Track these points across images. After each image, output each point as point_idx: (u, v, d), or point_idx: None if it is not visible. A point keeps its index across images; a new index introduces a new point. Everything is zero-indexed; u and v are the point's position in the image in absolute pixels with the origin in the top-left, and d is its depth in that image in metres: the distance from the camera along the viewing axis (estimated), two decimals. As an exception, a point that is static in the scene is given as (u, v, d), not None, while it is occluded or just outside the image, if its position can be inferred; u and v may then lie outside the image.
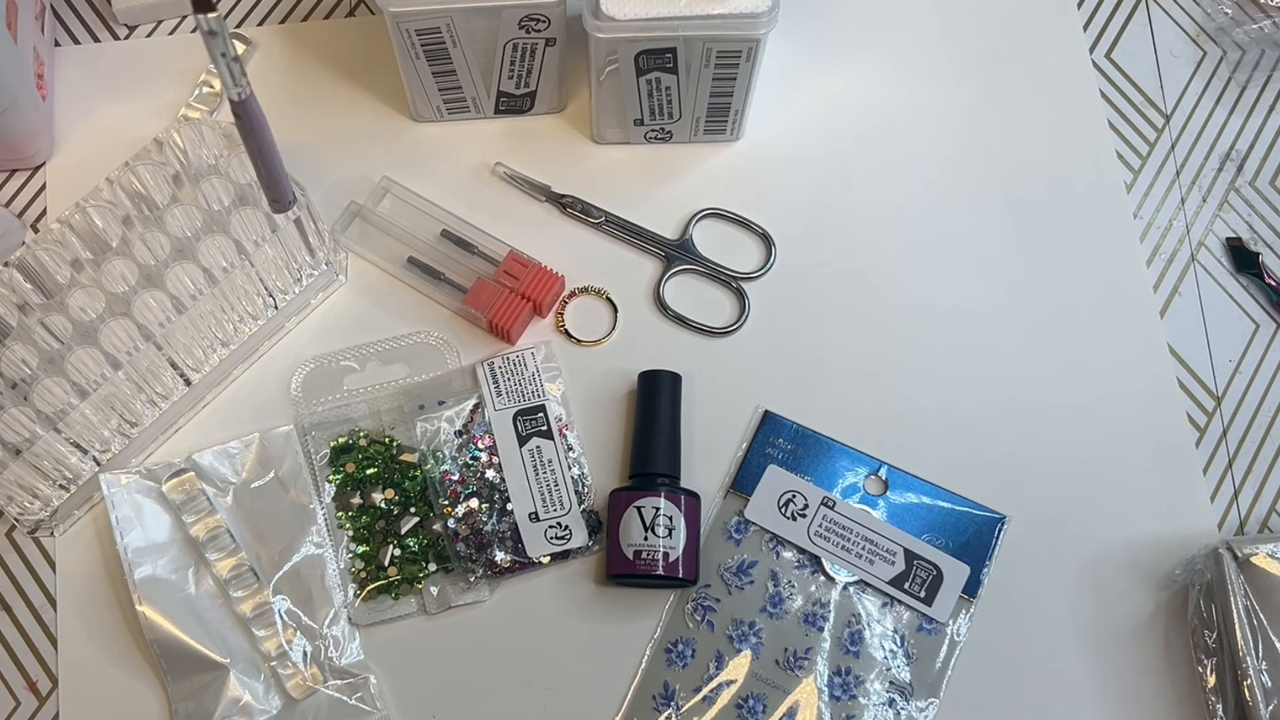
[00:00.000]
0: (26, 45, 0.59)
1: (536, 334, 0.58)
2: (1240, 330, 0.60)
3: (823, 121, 0.63)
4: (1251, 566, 0.51)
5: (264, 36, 0.64)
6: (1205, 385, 0.58)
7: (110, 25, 0.65)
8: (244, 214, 0.53)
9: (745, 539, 0.54)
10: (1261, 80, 0.65)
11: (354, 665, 0.52)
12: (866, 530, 0.54)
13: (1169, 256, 0.61)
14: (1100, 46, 0.66)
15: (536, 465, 0.54)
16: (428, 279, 0.58)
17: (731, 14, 0.51)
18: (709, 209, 0.60)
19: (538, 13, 0.53)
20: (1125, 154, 0.63)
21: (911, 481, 0.55)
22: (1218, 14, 0.66)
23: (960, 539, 0.54)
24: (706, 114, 0.59)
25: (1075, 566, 0.54)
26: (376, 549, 0.53)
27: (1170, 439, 0.57)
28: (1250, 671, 0.49)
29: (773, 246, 0.60)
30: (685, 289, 0.59)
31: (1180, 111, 0.64)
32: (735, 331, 0.58)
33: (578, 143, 0.62)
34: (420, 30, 0.54)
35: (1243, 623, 0.50)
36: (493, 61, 0.57)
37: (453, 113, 0.61)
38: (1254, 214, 0.62)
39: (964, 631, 0.53)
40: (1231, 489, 0.57)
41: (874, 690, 0.52)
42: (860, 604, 0.53)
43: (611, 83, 0.56)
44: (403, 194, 0.60)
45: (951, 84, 0.64)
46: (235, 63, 0.48)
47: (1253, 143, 0.64)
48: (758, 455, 0.55)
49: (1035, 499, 0.55)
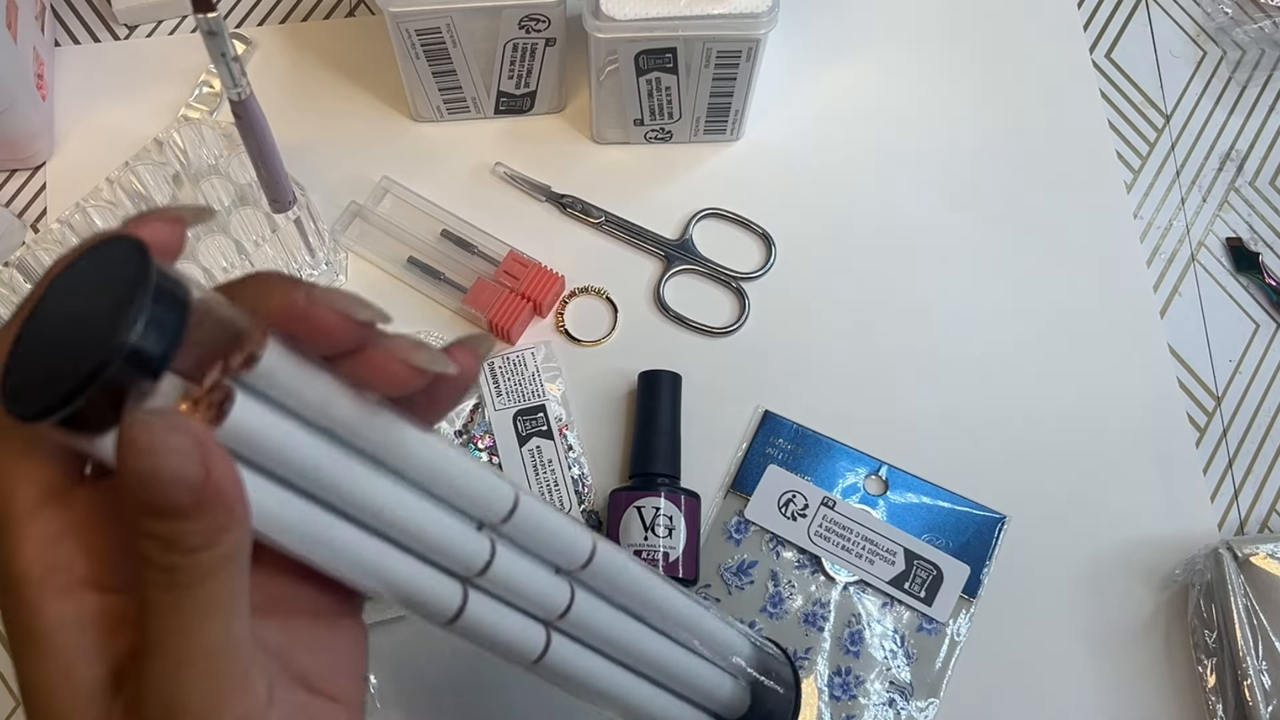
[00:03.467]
0: (26, 45, 0.59)
1: (536, 334, 0.58)
2: (1240, 330, 0.60)
3: (823, 121, 0.63)
4: (1252, 566, 0.51)
5: (264, 36, 0.64)
6: (1205, 385, 0.58)
7: (110, 25, 0.65)
8: (244, 214, 0.53)
9: (745, 539, 0.54)
10: (1262, 80, 0.65)
11: (354, 665, 0.52)
12: (866, 530, 0.54)
13: (1169, 256, 0.61)
14: (1100, 46, 0.66)
15: (536, 465, 0.54)
16: (428, 279, 0.58)
17: (732, 14, 0.51)
18: (709, 209, 0.60)
19: (538, 13, 0.53)
20: (1125, 154, 0.63)
21: (911, 481, 0.55)
22: (1218, 14, 0.66)
23: (960, 539, 0.54)
24: (706, 114, 0.59)
25: (1075, 566, 0.54)
26: (376, 549, 0.53)
27: (1170, 439, 0.57)
28: (1250, 672, 0.49)
29: (773, 246, 0.60)
30: (685, 289, 0.59)
31: (1180, 111, 0.64)
32: (735, 331, 0.58)
33: (578, 143, 0.62)
34: (420, 30, 0.54)
35: (1243, 623, 0.50)
36: (493, 61, 0.57)
37: (453, 113, 0.61)
38: (1254, 214, 0.62)
39: (964, 631, 0.53)
40: (1232, 489, 0.57)
41: (874, 690, 0.52)
42: (860, 604, 0.53)
43: (611, 83, 0.56)
44: (403, 194, 0.60)
45: (952, 84, 0.64)
46: (235, 63, 0.48)
47: (1253, 142, 0.64)
48: (758, 455, 0.55)
49: (1035, 499, 0.55)
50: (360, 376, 0.25)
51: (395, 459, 0.26)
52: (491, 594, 0.29)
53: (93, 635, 0.22)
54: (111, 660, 0.23)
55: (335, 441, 0.25)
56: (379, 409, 0.26)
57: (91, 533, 0.23)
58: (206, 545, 0.21)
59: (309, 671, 0.26)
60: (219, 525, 0.21)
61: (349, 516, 0.25)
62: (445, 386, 0.26)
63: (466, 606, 0.28)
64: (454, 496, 0.28)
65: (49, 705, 0.22)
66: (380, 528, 0.26)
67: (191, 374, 0.22)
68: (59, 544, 0.23)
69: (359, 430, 0.25)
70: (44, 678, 0.22)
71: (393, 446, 0.26)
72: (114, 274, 0.21)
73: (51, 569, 0.22)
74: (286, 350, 0.23)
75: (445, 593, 0.28)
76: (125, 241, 0.21)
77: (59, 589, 0.22)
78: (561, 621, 0.31)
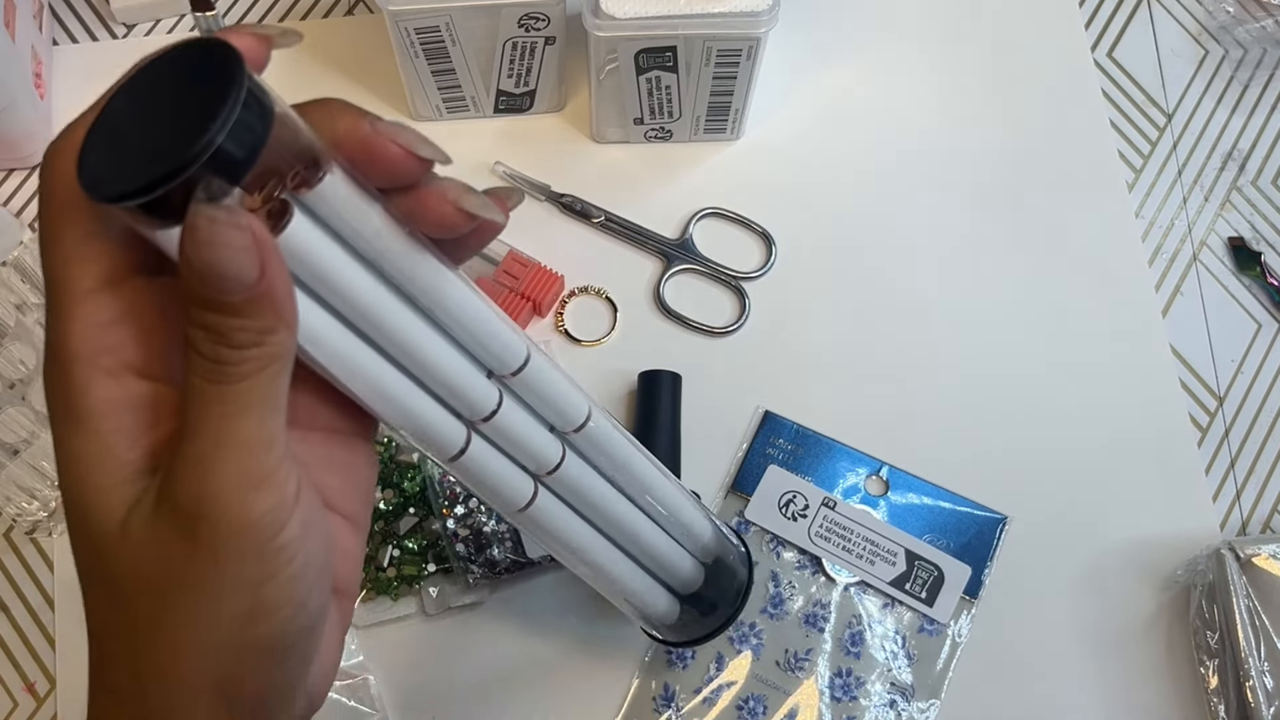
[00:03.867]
0: (24, 44, 0.59)
1: (536, 334, 0.58)
2: (1242, 330, 0.59)
3: (823, 120, 0.63)
4: (1253, 567, 0.50)
5: (263, 35, 0.64)
6: (1207, 385, 0.58)
7: (109, 24, 0.64)
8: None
9: (745, 539, 0.54)
10: (1264, 79, 0.65)
11: (353, 666, 0.52)
12: (867, 531, 0.54)
13: (1171, 256, 0.61)
14: (1102, 45, 0.65)
15: (536, 465, 0.54)
16: (427, 278, 0.58)
17: (732, 13, 0.51)
18: (709, 208, 0.60)
19: (537, 11, 0.53)
20: (1127, 153, 0.63)
21: (912, 482, 0.55)
22: (1219, 13, 0.66)
23: (961, 539, 0.54)
24: (707, 113, 0.59)
25: (1076, 567, 0.54)
26: (375, 550, 0.53)
27: (1172, 439, 0.57)
28: (1252, 672, 0.49)
29: (773, 246, 0.60)
30: (685, 289, 0.59)
31: (1182, 111, 0.64)
32: (735, 331, 0.58)
33: (577, 142, 0.62)
34: (419, 29, 0.54)
35: (1245, 624, 0.49)
36: (492, 60, 0.57)
37: (452, 111, 0.61)
38: (1256, 213, 0.62)
39: (965, 632, 0.52)
40: (1234, 489, 0.56)
41: (875, 691, 0.51)
42: (861, 605, 0.53)
43: (611, 81, 0.56)
44: (402, 193, 0.59)
45: (953, 83, 0.64)
46: (233, 61, 0.48)
47: (1255, 142, 0.63)
48: (758, 455, 0.55)
49: (1036, 499, 0.55)
50: (412, 213, 0.26)
51: (428, 299, 0.28)
52: (492, 441, 0.31)
53: (134, 418, 0.23)
54: (149, 445, 0.23)
55: (376, 273, 0.26)
56: (423, 248, 0.27)
57: (144, 322, 0.24)
58: (254, 343, 0.22)
59: (324, 486, 0.27)
60: (267, 326, 0.22)
61: (377, 347, 0.27)
62: (479, 233, 0.27)
63: (469, 448, 0.30)
64: (473, 344, 0.30)
65: (85, 480, 0.23)
66: (404, 362, 0.28)
67: (256, 184, 0.22)
68: (112, 328, 0.23)
69: (401, 265, 0.26)
70: (83, 454, 0.23)
71: (429, 287, 0.27)
72: (205, 75, 0.21)
73: (101, 350, 0.23)
74: (347, 177, 0.24)
75: (452, 432, 0.30)
76: (219, 45, 0.22)
77: (106, 370, 0.23)
78: (550, 478, 0.34)
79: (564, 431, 0.34)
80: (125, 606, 0.24)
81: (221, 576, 0.23)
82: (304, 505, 0.24)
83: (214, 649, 0.23)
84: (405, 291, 0.27)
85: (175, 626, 0.23)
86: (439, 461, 0.30)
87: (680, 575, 0.42)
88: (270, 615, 0.24)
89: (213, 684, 0.24)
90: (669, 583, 0.42)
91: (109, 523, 0.23)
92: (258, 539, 0.23)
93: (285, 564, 0.23)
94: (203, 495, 0.22)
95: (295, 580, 0.24)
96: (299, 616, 0.24)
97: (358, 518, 0.29)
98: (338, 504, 0.28)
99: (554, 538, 0.36)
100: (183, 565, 0.23)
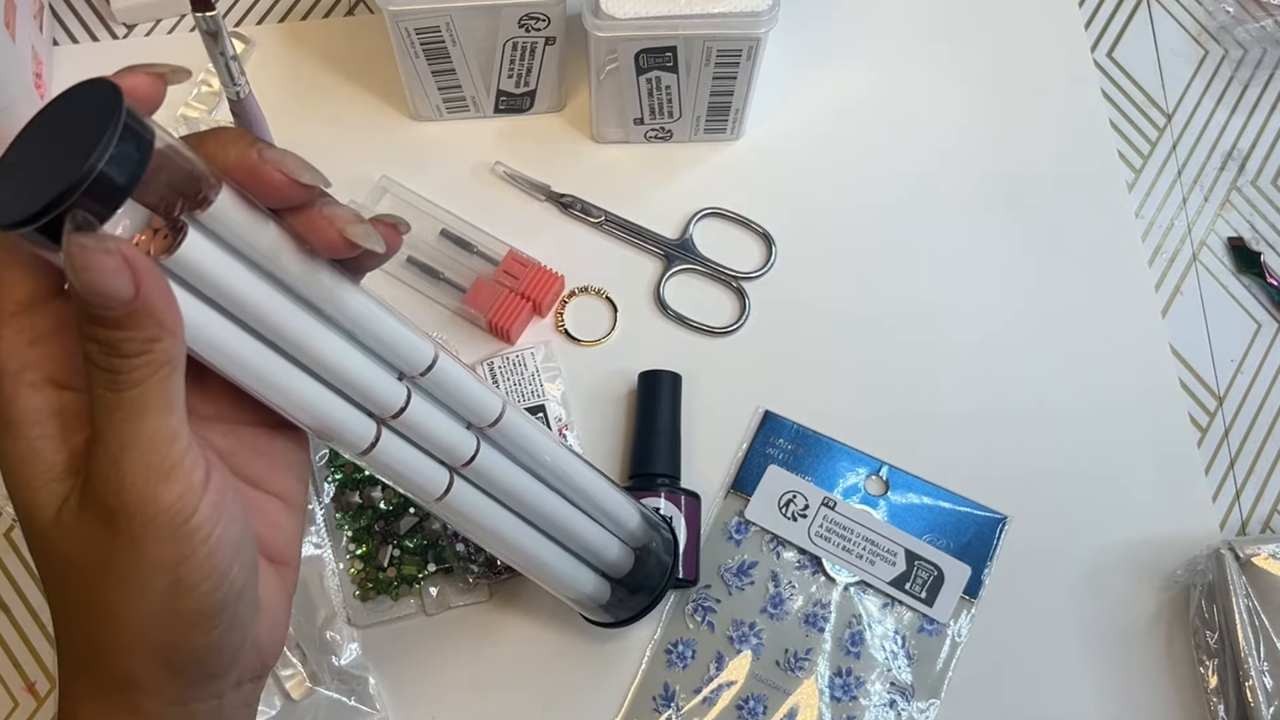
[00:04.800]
0: (24, 44, 0.59)
1: (536, 334, 0.58)
2: (1242, 330, 0.59)
3: (824, 121, 0.63)
4: (1253, 567, 0.50)
5: (263, 35, 0.64)
6: (1207, 385, 0.58)
7: (109, 24, 0.64)
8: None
9: (745, 539, 0.54)
10: (1263, 79, 0.65)
11: (353, 666, 0.52)
12: (867, 531, 0.54)
13: (1170, 256, 0.61)
14: (1102, 45, 0.65)
15: (536, 465, 0.54)
16: (427, 278, 0.58)
17: (732, 13, 0.51)
18: (709, 208, 0.60)
19: (537, 11, 0.53)
20: (1127, 153, 0.63)
21: (912, 482, 0.55)
22: (1219, 13, 0.66)
23: (961, 539, 0.54)
24: (707, 113, 0.59)
25: (1076, 567, 0.54)
26: (375, 549, 0.53)
27: (1172, 439, 0.57)
28: (1252, 672, 0.49)
29: (773, 246, 0.60)
30: (685, 289, 0.59)
31: (1182, 110, 0.64)
32: (735, 331, 0.58)
33: (577, 142, 0.62)
34: (419, 29, 0.54)
35: (1244, 624, 0.49)
36: (492, 60, 0.57)
37: (452, 112, 0.61)
38: (1256, 213, 0.62)
39: (965, 632, 0.52)
40: (1233, 489, 0.56)
41: (875, 691, 0.51)
42: (861, 605, 0.53)
43: (611, 82, 0.56)
44: (402, 193, 0.60)
45: (953, 83, 0.64)
46: (234, 62, 0.48)
47: (1254, 142, 0.63)
48: (758, 455, 0.55)
49: (1036, 499, 0.55)
50: (304, 233, 0.29)
51: (329, 307, 0.30)
52: (403, 436, 0.34)
53: (58, 425, 0.27)
54: (74, 448, 0.27)
55: (278, 286, 0.29)
56: (320, 262, 0.30)
57: (61, 339, 0.27)
58: (141, 350, 0.25)
59: (253, 472, 0.31)
60: (151, 335, 0.25)
61: (282, 352, 0.30)
62: (368, 256, 0.30)
63: (379, 442, 0.33)
64: (379, 347, 0.32)
65: (22, 481, 0.27)
66: (308, 364, 0.30)
67: (156, 208, 0.26)
68: (34, 346, 0.27)
69: (299, 277, 0.29)
70: (18, 458, 0.27)
71: (328, 296, 0.30)
72: (91, 112, 0.24)
73: (25, 365, 0.26)
74: (239, 199, 0.27)
75: (360, 428, 0.32)
76: (105, 85, 0.25)
77: (31, 384, 0.26)
78: (466, 469, 0.36)
79: (480, 426, 0.37)
80: (70, 589, 0.27)
81: (142, 559, 0.26)
82: (214, 489, 0.27)
83: (147, 621, 0.27)
84: (306, 300, 0.30)
85: (111, 603, 0.27)
86: (351, 456, 0.33)
87: (607, 558, 0.45)
88: (192, 589, 0.27)
89: (154, 650, 0.27)
90: (598, 566, 0.45)
91: (46, 518, 0.27)
92: (170, 524, 0.26)
93: (200, 544, 0.26)
94: (118, 490, 0.25)
95: (212, 556, 0.27)
96: (221, 588, 0.27)
97: (290, 495, 0.32)
98: (269, 485, 0.32)
99: (475, 524, 0.38)
100: (108, 552, 0.26)
